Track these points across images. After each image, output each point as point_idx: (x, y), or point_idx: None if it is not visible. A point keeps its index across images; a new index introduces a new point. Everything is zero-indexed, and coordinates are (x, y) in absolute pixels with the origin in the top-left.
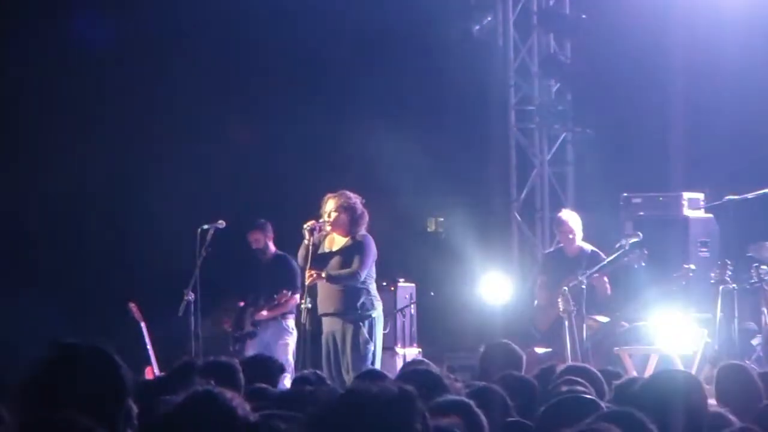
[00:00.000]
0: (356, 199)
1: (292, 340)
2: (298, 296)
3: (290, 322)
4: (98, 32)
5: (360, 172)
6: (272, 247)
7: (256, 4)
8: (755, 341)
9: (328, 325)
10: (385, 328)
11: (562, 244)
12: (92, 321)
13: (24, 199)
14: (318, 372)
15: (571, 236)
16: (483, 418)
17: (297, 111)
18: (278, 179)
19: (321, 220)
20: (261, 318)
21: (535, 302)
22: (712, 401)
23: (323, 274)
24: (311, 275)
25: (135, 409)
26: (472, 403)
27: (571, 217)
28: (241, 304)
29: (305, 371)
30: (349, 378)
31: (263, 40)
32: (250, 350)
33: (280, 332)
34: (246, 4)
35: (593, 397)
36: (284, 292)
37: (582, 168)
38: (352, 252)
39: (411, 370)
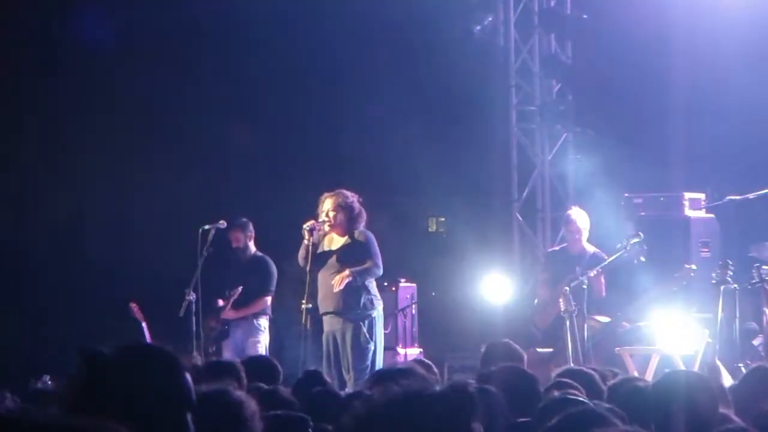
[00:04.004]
0: (353, 198)
1: (264, 338)
2: (269, 298)
3: (262, 321)
4: (99, 32)
5: (361, 172)
6: (252, 248)
7: (257, 3)
8: (756, 341)
9: (329, 324)
10: (386, 328)
11: (566, 243)
12: (94, 321)
13: (25, 199)
14: (318, 370)
15: (577, 236)
16: None
17: (297, 111)
18: (278, 179)
19: (320, 220)
20: (228, 317)
21: (536, 301)
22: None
23: (347, 272)
24: (342, 278)
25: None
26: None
27: (579, 216)
28: (220, 302)
29: (309, 370)
30: (349, 377)
31: (264, 39)
32: (226, 351)
33: (251, 331)
34: (246, 3)
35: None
36: (236, 289)
37: (583, 168)
38: (357, 251)
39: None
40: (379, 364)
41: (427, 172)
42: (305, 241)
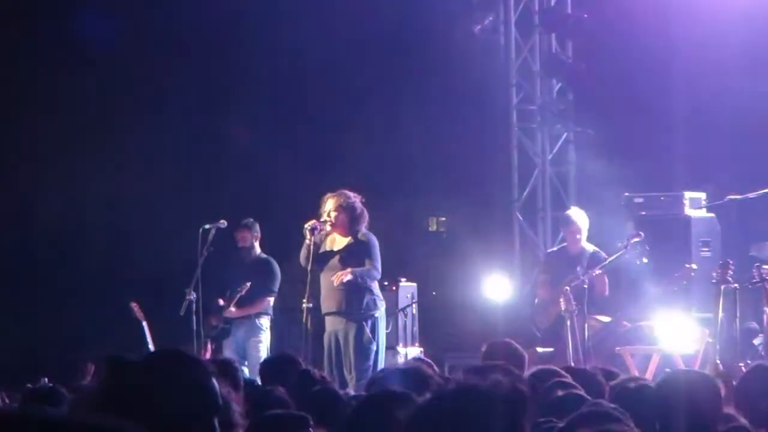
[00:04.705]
0: (355, 198)
1: (265, 338)
2: (272, 299)
3: (264, 321)
4: (99, 33)
5: (362, 172)
6: (257, 249)
7: (257, 4)
8: (757, 341)
9: (331, 324)
10: (387, 328)
11: (566, 243)
12: (94, 321)
13: (25, 199)
14: (313, 369)
15: (578, 236)
16: None
17: (298, 111)
18: (279, 179)
19: (322, 220)
20: (230, 315)
21: (536, 300)
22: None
23: (348, 270)
24: (343, 274)
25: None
26: None
27: (579, 216)
28: (221, 301)
29: (305, 369)
30: (351, 377)
31: (265, 40)
32: (227, 350)
33: (253, 330)
34: (246, 4)
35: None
36: (244, 285)
37: (583, 168)
38: (359, 252)
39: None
40: (381, 364)
41: (427, 172)
42: (306, 241)
